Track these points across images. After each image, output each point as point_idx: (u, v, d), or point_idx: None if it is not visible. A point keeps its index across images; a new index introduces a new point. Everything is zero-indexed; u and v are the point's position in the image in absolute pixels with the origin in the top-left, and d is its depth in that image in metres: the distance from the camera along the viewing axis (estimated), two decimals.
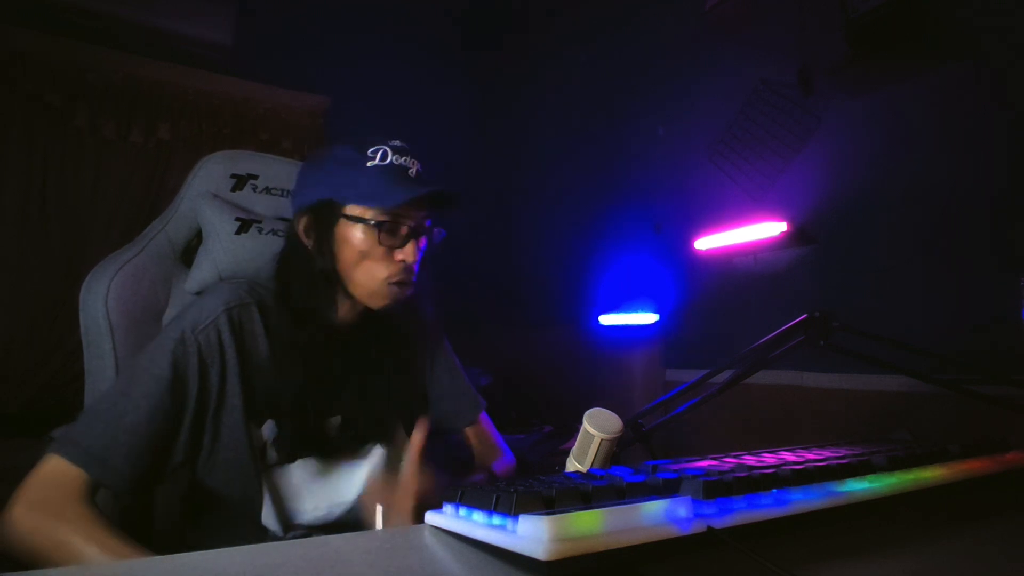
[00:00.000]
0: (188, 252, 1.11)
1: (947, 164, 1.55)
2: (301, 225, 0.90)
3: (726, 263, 2.09)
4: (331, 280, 0.89)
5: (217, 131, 2.74)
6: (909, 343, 0.86)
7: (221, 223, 1.04)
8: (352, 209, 0.86)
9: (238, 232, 1.04)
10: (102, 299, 0.98)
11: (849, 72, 1.65)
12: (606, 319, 2.46)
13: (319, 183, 0.89)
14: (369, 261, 0.86)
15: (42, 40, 2.39)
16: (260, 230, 1.05)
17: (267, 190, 1.13)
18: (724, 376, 0.83)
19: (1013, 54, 1.44)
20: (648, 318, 2.31)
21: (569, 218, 2.87)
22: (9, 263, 2.31)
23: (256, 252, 1.02)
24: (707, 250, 2.08)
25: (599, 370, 2.41)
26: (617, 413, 0.70)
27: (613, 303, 2.50)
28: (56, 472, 0.74)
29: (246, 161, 1.14)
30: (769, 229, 1.81)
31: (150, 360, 0.80)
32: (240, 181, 1.11)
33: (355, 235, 0.86)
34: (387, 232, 0.85)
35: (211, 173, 1.12)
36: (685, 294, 2.25)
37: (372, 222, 0.85)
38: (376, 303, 0.89)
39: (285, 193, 1.13)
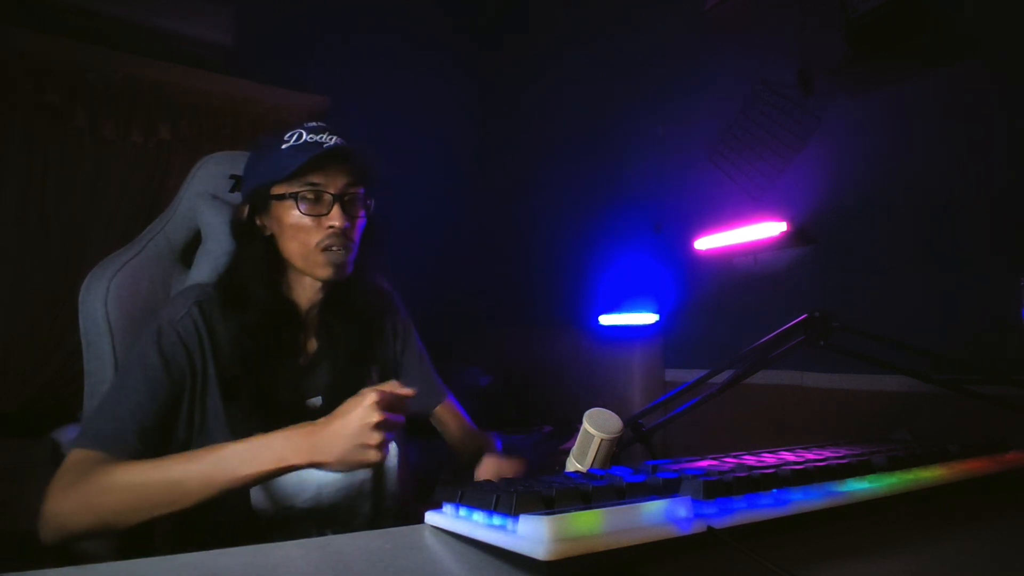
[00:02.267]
0: (187, 253, 1.11)
1: (947, 164, 1.55)
2: (243, 218, 0.95)
3: (726, 263, 2.09)
4: (276, 260, 0.93)
5: (217, 131, 2.74)
6: (909, 343, 0.86)
7: (220, 224, 1.04)
8: (276, 188, 0.91)
9: None
10: (101, 299, 0.98)
11: (849, 72, 1.66)
12: (606, 319, 2.46)
13: (248, 175, 0.95)
14: (301, 232, 0.90)
15: (42, 40, 2.39)
16: None
17: None
18: (724, 376, 0.83)
19: (1013, 54, 1.44)
20: (648, 318, 2.31)
21: (569, 218, 2.87)
22: (9, 263, 2.31)
23: None
24: (707, 250, 2.08)
25: (599, 370, 2.41)
26: (617, 413, 0.70)
27: (613, 303, 2.50)
28: (77, 460, 0.78)
29: (245, 161, 1.14)
30: (769, 229, 1.81)
31: (139, 356, 0.86)
32: (239, 182, 1.11)
33: (283, 212, 0.91)
34: (308, 202, 0.90)
35: (210, 173, 1.12)
36: (685, 294, 2.25)
37: (292, 195, 0.89)
38: (319, 273, 0.92)
39: None
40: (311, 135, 0.91)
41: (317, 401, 0.95)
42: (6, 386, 2.26)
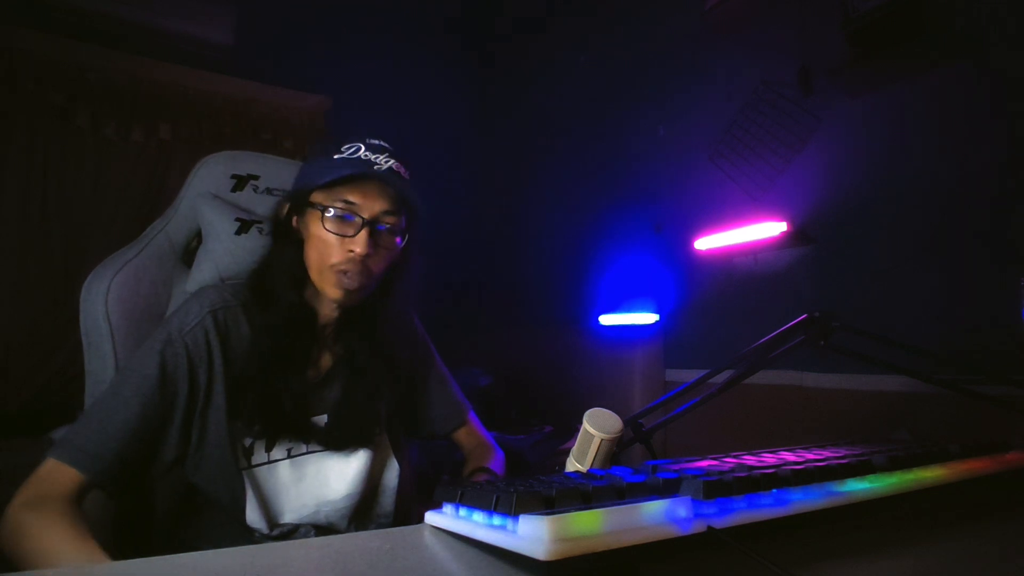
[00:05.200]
0: (188, 253, 1.11)
1: (947, 164, 1.55)
2: (281, 215, 0.93)
3: (726, 263, 2.09)
4: (297, 266, 0.91)
5: (218, 131, 2.74)
6: (909, 343, 0.86)
7: (221, 223, 1.04)
8: (314, 196, 0.88)
9: (238, 232, 1.04)
10: (102, 300, 0.98)
11: (849, 72, 1.66)
12: (606, 319, 2.46)
13: (299, 176, 0.93)
14: (323, 246, 0.87)
15: (44, 40, 2.39)
16: (260, 231, 1.05)
17: (268, 191, 1.13)
18: (724, 376, 0.83)
19: (1013, 54, 1.44)
20: (648, 318, 2.31)
21: (570, 218, 2.87)
22: (9, 263, 2.31)
23: (256, 253, 1.01)
24: (707, 250, 2.08)
25: (599, 370, 2.41)
26: (617, 413, 0.70)
27: (613, 303, 2.50)
28: (51, 473, 0.76)
29: (246, 161, 1.14)
30: (769, 229, 1.81)
31: (139, 362, 0.83)
32: (240, 181, 1.11)
33: (312, 220, 0.89)
34: (336, 219, 0.86)
35: (211, 173, 1.12)
36: (685, 294, 2.25)
37: (323, 207, 0.86)
38: (328, 291, 0.89)
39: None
40: (368, 152, 0.87)
41: (322, 419, 0.93)
42: (6, 386, 2.26)
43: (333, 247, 0.86)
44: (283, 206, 0.93)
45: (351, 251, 0.86)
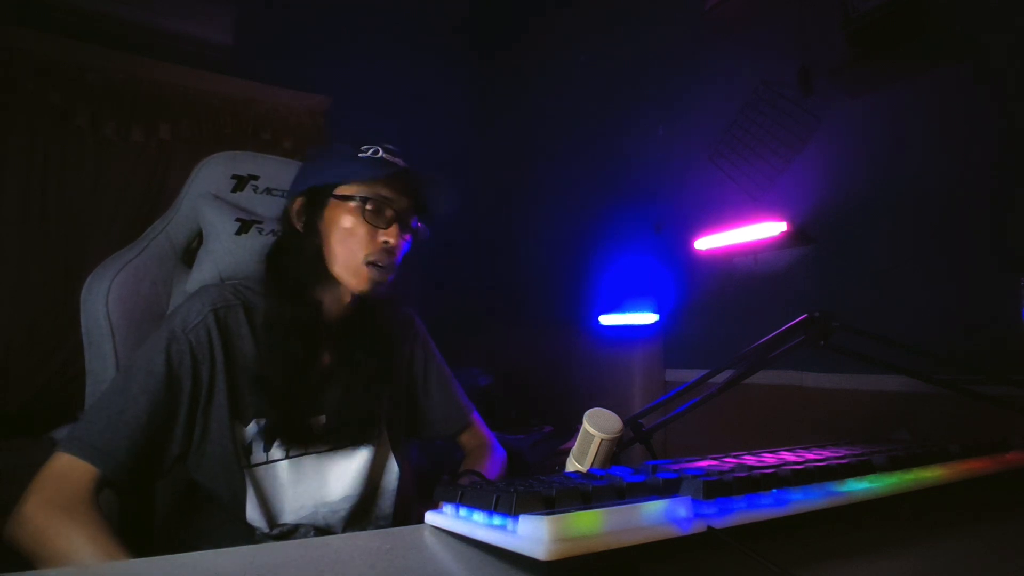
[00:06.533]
0: (189, 253, 1.11)
1: (947, 164, 1.55)
2: (294, 209, 0.94)
3: (726, 263, 2.09)
4: (318, 259, 0.92)
5: (218, 131, 2.74)
6: (909, 343, 0.86)
7: (222, 224, 1.04)
8: (341, 189, 0.91)
9: (238, 232, 1.04)
10: (103, 300, 0.98)
11: (849, 72, 1.66)
12: (606, 319, 2.46)
13: (314, 173, 0.94)
14: (353, 239, 0.90)
15: (43, 40, 2.39)
16: (260, 231, 1.06)
17: (268, 191, 1.13)
18: (724, 376, 0.83)
19: (1013, 54, 1.44)
20: (648, 318, 2.31)
21: (569, 218, 2.87)
22: (9, 263, 2.31)
23: (257, 253, 1.01)
24: (707, 250, 2.08)
25: (599, 370, 2.41)
26: (617, 413, 0.70)
27: (613, 303, 2.50)
28: (65, 468, 0.75)
29: (247, 162, 1.14)
30: (769, 229, 1.81)
31: (146, 358, 0.83)
32: (241, 182, 1.11)
33: (342, 214, 0.91)
34: (372, 211, 0.90)
35: (212, 174, 1.12)
36: (685, 294, 2.25)
37: (358, 198, 0.90)
38: (356, 285, 0.91)
39: (285, 194, 1.14)
40: (387, 155, 0.93)
41: (322, 419, 0.93)
42: (6, 386, 2.26)
43: (366, 240, 0.90)
44: (296, 200, 0.94)
45: (384, 241, 0.90)
